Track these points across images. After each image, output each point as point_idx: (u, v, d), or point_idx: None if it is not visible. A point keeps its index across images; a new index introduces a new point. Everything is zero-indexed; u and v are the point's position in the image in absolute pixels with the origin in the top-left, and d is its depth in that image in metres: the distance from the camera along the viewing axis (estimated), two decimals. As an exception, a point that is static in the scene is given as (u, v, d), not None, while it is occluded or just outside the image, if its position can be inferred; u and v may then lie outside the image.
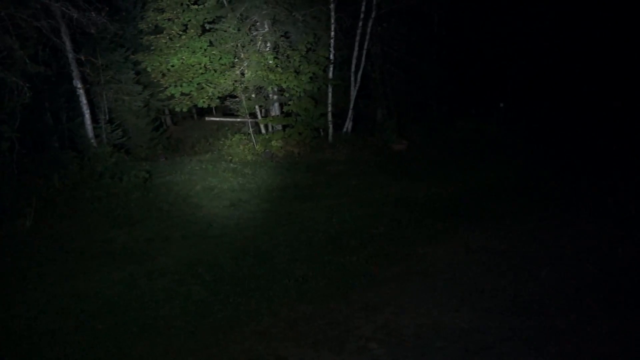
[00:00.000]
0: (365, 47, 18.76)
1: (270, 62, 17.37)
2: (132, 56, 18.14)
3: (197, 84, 17.51)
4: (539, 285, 8.40)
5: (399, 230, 10.96)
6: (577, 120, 21.92)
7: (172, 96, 17.68)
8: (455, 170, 15.52)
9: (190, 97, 17.69)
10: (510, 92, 25.41)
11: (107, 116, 18.07)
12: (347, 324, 7.57)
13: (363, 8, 18.17)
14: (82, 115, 17.19)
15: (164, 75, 17.46)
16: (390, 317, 7.68)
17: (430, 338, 7.11)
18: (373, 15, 18.37)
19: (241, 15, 17.30)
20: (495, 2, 23.49)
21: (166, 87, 17.57)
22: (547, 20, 23.93)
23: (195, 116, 23.81)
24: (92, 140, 17.15)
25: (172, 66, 17.28)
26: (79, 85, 16.93)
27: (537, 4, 23.61)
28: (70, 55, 16.45)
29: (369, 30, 18.59)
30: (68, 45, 16.25)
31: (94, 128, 17.34)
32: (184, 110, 18.46)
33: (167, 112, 22.34)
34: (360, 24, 18.37)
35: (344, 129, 19.14)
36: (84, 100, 17.07)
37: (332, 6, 17.76)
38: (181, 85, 17.43)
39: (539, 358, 6.60)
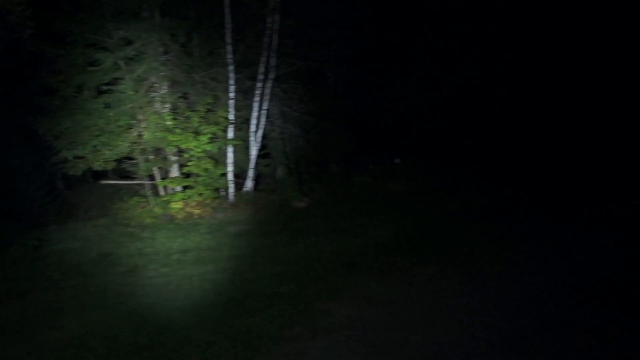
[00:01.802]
0: (265, 107, 19.08)
1: (169, 123, 17.22)
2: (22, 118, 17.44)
3: (93, 147, 16.99)
4: (439, 334, 8.60)
5: (303, 288, 10.93)
6: (467, 172, 23.22)
7: (66, 159, 17.02)
8: (356, 226, 15.82)
9: (85, 160, 17.10)
10: (405, 149, 26.66)
11: (-7, 182, 17.14)
12: (252, 389, 7.39)
13: (262, 70, 18.57)
14: (-36, 181, 16.21)
15: (56, 138, 16.81)
16: (295, 378, 7.58)
17: (335, 398, 7.06)
18: (271, 76, 18.80)
19: (138, 77, 17.14)
20: (390, 64, 24.82)
21: (59, 150, 16.90)
22: (436, 82, 25.47)
23: (90, 180, 23.02)
24: (-24, 208, 16.15)
25: (66, 128, 16.70)
26: (-39, 150, 16.01)
27: (422, 69, 25.11)
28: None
29: (267, 91, 18.98)
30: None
31: (-22, 195, 16.38)
32: (78, 173, 17.77)
33: (59, 176, 21.46)
34: (259, 85, 18.73)
35: (245, 189, 19.14)
36: (-33, 165, 16.14)
37: (231, 68, 18.02)
38: (75, 148, 16.84)
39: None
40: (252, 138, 19.06)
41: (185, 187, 18.01)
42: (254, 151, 19.13)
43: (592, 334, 8.37)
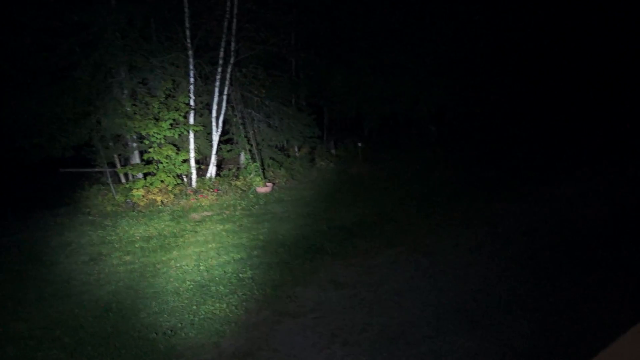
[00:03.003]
0: (226, 92, 18.90)
1: (128, 109, 16.94)
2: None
3: (49, 134, 16.59)
4: (404, 314, 8.77)
5: (268, 273, 10.98)
6: (429, 155, 23.56)
7: (21, 147, 16.58)
8: (320, 210, 15.91)
9: (41, 148, 16.68)
10: (367, 133, 26.83)
11: (-56, 172, 16.59)
12: (220, 374, 7.42)
13: (221, 54, 18.35)
14: None
15: (10, 125, 16.34)
16: (263, 362, 7.63)
17: (303, 379, 7.15)
18: (232, 61, 18.61)
19: (95, 62, 16.75)
20: (352, 49, 24.82)
21: (14, 138, 16.44)
22: (397, 68, 25.58)
23: (47, 168, 22.49)
24: None
25: (21, 116, 16.24)
26: None
27: (383, 55, 25.17)
28: None
29: (228, 75, 18.78)
30: None
31: None
32: (35, 162, 17.34)
33: (16, 164, 20.91)
34: (220, 69, 18.51)
35: (208, 174, 19.00)
36: None
37: (190, 52, 17.76)
38: (31, 136, 16.41)
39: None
40: (213, 123, 18.88)
41: (146, 174, 17.80)
42: (215, 137, 18.98)
43: (551, 310, 8.65)
